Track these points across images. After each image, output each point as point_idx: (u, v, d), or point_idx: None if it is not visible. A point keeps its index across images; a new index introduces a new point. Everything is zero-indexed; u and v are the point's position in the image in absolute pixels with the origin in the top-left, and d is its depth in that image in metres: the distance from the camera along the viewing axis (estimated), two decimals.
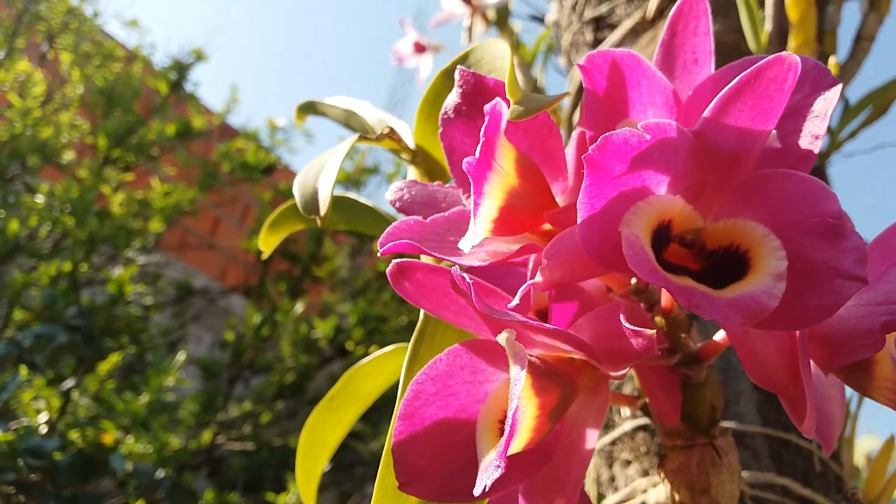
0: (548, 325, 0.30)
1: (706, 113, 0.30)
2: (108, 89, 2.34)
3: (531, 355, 0.32)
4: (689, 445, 0.38)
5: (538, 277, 0.30)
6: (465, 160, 0.31)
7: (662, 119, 0.30)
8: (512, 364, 0.30)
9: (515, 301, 0.31)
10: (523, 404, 0.30)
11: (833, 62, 0.68)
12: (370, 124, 0.55)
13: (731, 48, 0.73)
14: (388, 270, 0.35)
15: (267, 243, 0.68)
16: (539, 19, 1.19)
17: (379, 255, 0.33)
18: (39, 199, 2.01)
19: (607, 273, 0.33)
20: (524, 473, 0.34)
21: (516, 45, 1.06)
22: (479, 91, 0.36)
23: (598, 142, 0.28)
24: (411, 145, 0.51)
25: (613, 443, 0.62)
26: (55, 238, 2.12)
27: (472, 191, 0.32)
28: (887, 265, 0.32)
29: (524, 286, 0.31)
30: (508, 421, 0.29)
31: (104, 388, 2.04)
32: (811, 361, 0.33)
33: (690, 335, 0.38)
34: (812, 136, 0.33)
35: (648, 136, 0.28)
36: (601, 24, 0.80)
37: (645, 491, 0.57)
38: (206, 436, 2.03)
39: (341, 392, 0.52)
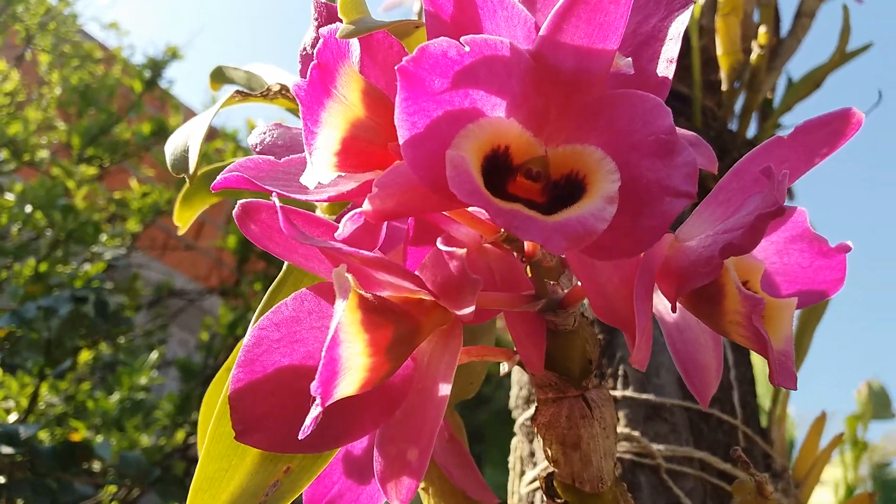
0: (370, 254, 0.28)
1: (542, 31, 0.29)
2: (82, 88, 2.32)
3: (366, 292, 0.30)
4: (559, 398, 0.36)
5: (366, 206, 0.29)
6: (293, 83, 0.29)
7: (495, 37, 0.28)
8: (336, 297, 0.28)
9: (343, 230, 0.29)
10: (349, 339, 0.28)
11: (763, 31, 0.66)
12: (269, 85, 0.53)
13: None
14: (234, 212, 0.33)
15: (181, 219, 0.66)
16: None
17: (212, 190, 0.32)
18: (10, 197, 1.99)
19: (448, 205, 0.31)
20: (373, 420, 0.33)
21: None
22: (333, 22, 0.35)
23: (414, 52, 0.26)
24: None
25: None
26: (28, 237, 2.10)
27: (303, 117, 0.30)
28: (745, 196, 0.30)
29: (349, 214, 0.29)
30: (323, 353, 0.27)
31: (79, 388, 2.02)
32: (665, 300, 0.31)
33: (560, 283, 0.36)
34: (668, 60, 0.31)
35: (468, 48, 0.27)
36: None
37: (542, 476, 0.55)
38: (180, 435, 2.01)
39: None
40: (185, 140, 0.42)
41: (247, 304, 2.22)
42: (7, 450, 1.47)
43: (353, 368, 0.29)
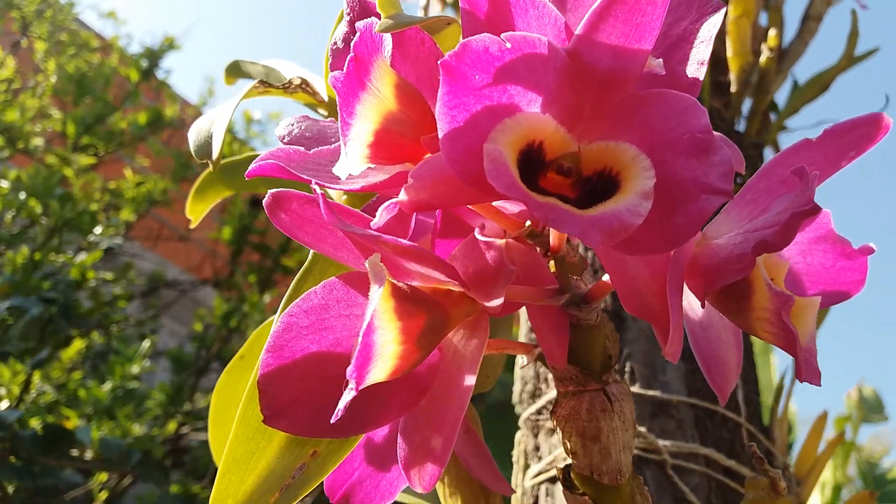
0: (407, 243, 0.29)
1: (579, 30, 0.29)
2: (78, 76, 2.31)
3: (399, 281, 0.30)
4: (579, 391, 0.36)
5: (402, 196, 0.29)
6: (331, 74, 0.30)
7: (534, 35, 0.28)
8: (371, 285, 0.29)
9: (378, 220, 0.30)
10: (383, 326, 0.29)
11: (773, 34, 0.67)
12: (291, 78, 0.53)
13: None
14: (264, 201, 0.34)
15: (194, 212, 0.66)
16: None
17: (246, 177, 0.32)
18: (4, 184, 1.98)
19: (480, 198, 0.32)
20: (399, 407, 0.33)
21: None
22: (366, 16, 0.35)
23: (456, 48, 0.27)
24: (325, 98, 0.50)
25: (539, 412, 0.61)
26: (22, 224, 2.09)
27: (339, 109, 0.30)
28: (771, 198, 0.31)
29: (385, 204, 0.29)
30: (359, 339, 0.27)
31: (70, 377, 2.02)
32: (692, 296, 0.32)
33: (582, 278, 0.37)
34: (698, 62, 0.32)
35: (509, 45, 0.27)
36: None
37: (566, 458, 0.56)
38: (171, 425, 2.01)
39: (252, 350, 0.50)
40: (209, 127, 0.42)
41: (241, 296, 2.22)
42: None
43: (386, 355, 0.29)
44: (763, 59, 0.69)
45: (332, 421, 0.28)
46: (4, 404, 1.79)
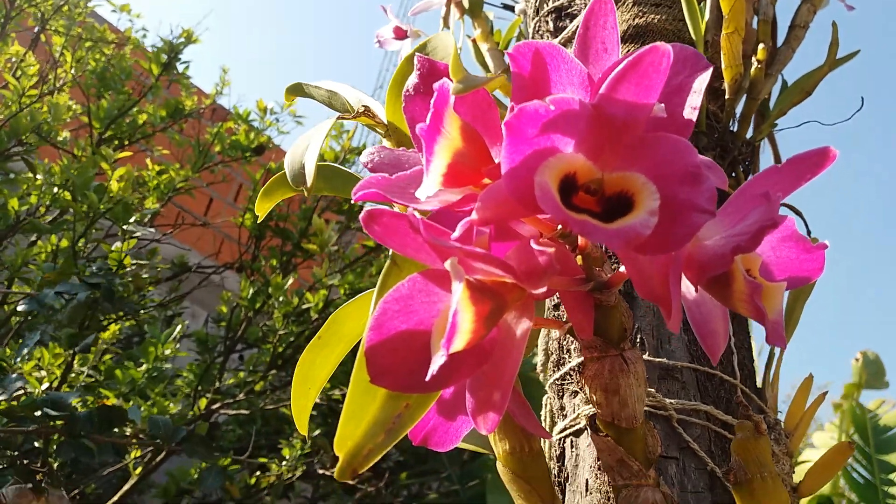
0: (479, 250, 0.39)
1: (601, 90, 0.39)
2: (100, 71, 2.41)
3: (470, 277, 0.41)
4: (602, 356, 0.47)
5: (474, 216, 0.40)
6: (417, 126, 0.40)
7: (569, 95, 0.39)
8: (453, 280, 0.39)
9: (457, 233, 0.40)
10: (462, 310, 0.39)
11: (762, 48, 0.77)
12: (350, 104, 0.63)
13: (673, 35, 0.82)
14: (360, 216, 0.44)
15: (261, 209, 0.77)
16: (510, 8, 1.28)
17: (353, 200, 0.42)
18: (38, 177, 2.09)
19: (529, 214, 0.42)
20: (469, 369, 0.44)
21: (490, 32, 1.14)
22: (433, 73, 0.45)
23: (514, 111, 0.37)
24: (384, 121, 0.60)
25: (563, 377, 0.72)
26: (54, 214, 2.20)
27: (423, 151, 0.41)
28: (748, 210, 0.42)
29: (463, 221, 0.40)
30: (449, 319, 0.38)
31: (102, 360, 2.13)
32: (689, 283, 0.43)
33: (604, 269, 0.47)
34: (691, 107, 0.42)
35: (553, 108, 0.37)
36: (561, 14, 0.89)
37: (590, 411, 0.67)
38: (202, 403, 2.13)
39: (327, 332, 0.61)
40: (301, 158, 0.53)
41: (264, 279, 2.33)
42: (53, 412, 1.58)
43: (464, 331, 0.40)
44: (753, 69, 0.78)
45: (426, 379, 0.39)
46: (45, 386, 1.91)
